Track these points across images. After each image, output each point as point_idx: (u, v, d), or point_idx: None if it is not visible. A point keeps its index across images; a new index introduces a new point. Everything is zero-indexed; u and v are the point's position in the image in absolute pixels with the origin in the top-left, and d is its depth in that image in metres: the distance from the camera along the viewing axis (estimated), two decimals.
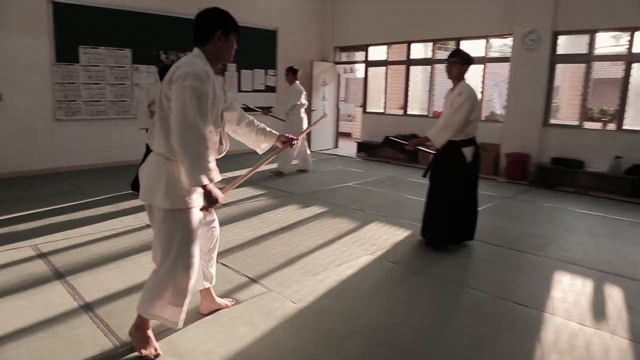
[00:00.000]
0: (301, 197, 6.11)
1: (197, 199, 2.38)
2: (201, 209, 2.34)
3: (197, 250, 2.45)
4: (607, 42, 8.60)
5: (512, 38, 7.87)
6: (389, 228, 4.80)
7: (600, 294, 3.40)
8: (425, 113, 9.50)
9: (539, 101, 7.58)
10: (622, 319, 3.01)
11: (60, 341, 2.59)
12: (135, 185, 6.00)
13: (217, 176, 2.26)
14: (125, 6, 7.79)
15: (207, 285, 2.86)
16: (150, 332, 2.51)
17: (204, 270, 2.79)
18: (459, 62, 4.07)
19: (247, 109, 6.30)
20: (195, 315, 2.87)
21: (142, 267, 3.63)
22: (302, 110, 7.71)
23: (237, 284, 3.37)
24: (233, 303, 3.05)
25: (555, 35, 7.43)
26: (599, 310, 3.12)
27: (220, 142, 2.54)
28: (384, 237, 4.50)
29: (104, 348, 2.53)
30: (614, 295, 3.37)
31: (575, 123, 7.50)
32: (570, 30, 7.34)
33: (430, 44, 9.35)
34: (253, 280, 3.43)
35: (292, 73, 7.67)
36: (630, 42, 6.78)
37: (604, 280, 3.63)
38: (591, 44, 7.19)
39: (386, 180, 7.43)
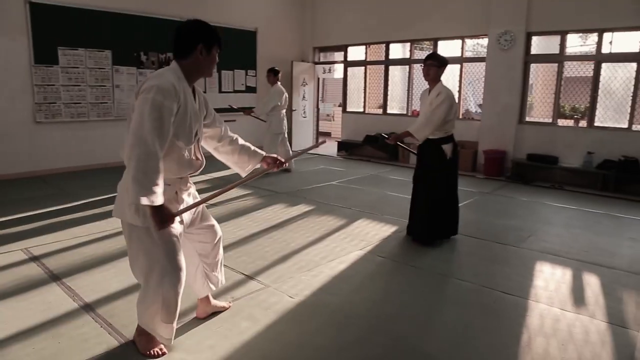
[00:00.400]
0: (287, 196, 6.20)
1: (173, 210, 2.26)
2: (154, 228, 2.19)
3: (182, 262, 2.35)
4: (578, 42, 8.92)
5: (487, 38, 8.12)
6: (376, 224, 4.95)
7: (579, 281, 3.60)
8: (404, 112, 9.70)
9: (514, 100, 7.84)
10: (600, 304, 3.21)
11: (65, 341, 2.63)
12: None
13: (159, 199, 2.08)
14: (105, 7, 7.74)
15: (213, 289, 2.81)
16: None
17: (209, 276, 2.75)
18: (436, 65, 4.23)
19: (230, 109, 6.29)
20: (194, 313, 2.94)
21: None
22: (283, 111, 7.80)
23: (233, 281, 3.45)
24: (230, 305, 3.01)
25: (528, 35, 7.70)
26: (578, 297, 3.32)
27: (197, 158, 2.45)
28: (372, 233, 4.63)
29: (109, 346, 2.59)
30: (592, 282, 3.57)
31: (549, 120, 7.79)
32: (542, 31, 7.61)
33: (408, 44, 9.55)
34: (249, 277, 3.51)
35: (273, 74, 7.74)
36: (599, 43, 7.08)
37: (581, 268, 3.84)
38: (562, 45, 7.48)
39: (368, 178, 7.58)
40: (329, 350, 2.59)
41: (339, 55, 10.94)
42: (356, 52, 10.54)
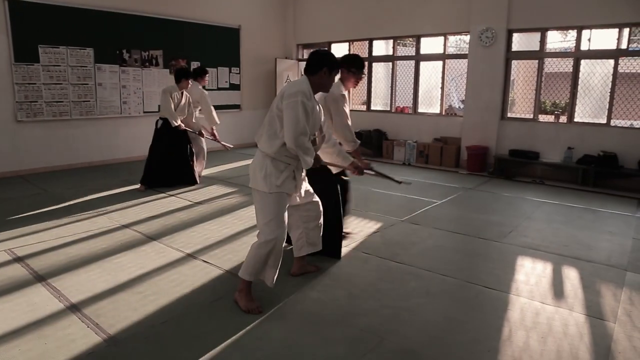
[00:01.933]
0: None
1: (287, 186, 2.98)
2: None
3: (286, 223, 3.05)
4: (558, 38, 9.07)
5: (469, 35, 8.21)
6: (360, 221, 5.00)
7: (559, 275, 3.69)
8: (388, 108, 9.76)
9: (496, 96, 7.95)
10: (579, 297, 3.30)
11: (52, 341, 2.63)
12: (145, 180, 6.30)
13: (314, 163, 2.96)
14: (87, 4, 7.66)
15: (311, 250, 3.51)
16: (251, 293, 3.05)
17: (312, 238, 3.48)
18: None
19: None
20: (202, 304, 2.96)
21: (124, 267, 3.69)
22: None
23: (219, 279, 3.47)
24: (317, 268, 3.65)
25: (509, 33, 7.81)
26: (558, 290, 3.41)
27: (314, 143, 3.11)
28: (356, 230, 4.68)
29: (96, 345, 2.60)
30: (571, 276, 3.67)
31: (530, 116, 7.92)
32: (523, 28, 7.73)
33: (391, 41, 9.61)
34: (235, 275, 3.53)
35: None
36: (578, 39, 7.21)
37: (561, 262, 3.94)
38: (543, 41, 7.60)
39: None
40: (314, 347, 2.63)
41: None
42: (340, 49, 10.56)
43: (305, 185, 3.31)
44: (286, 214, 3.06)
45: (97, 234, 4.51)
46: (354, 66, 3.86)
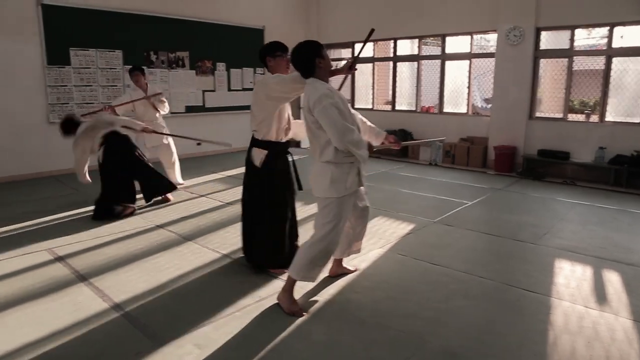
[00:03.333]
0: (301, 193, 6.21)
1: (356, 183, 3.04)
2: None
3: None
4: (588, 35, 8.90)
5: (493, 33, 8.11)
6: (393, 222, 4.98)
7: (600, 278, 3.63)
8: (413, 108, 9.71)
9: (524, 95, 7.84)
10: (623, 301, 3.24)
11: (101, 341, 2.68)
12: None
13: (367, 152, 2.93)
14: (115, 7, 7.78)
15: (353, 253, 3.58)
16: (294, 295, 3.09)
17: (351, 243, 3.49)
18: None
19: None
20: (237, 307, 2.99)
21: (162, 268, 3.74)
22: None
23: (258, 280, 3.49)
24: (355, 270, 3.67)
25: (538, 31, 7.69)
26: (600, 294, 3.35)
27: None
28: (389, 231, 4.67)
29: (143, 345, 2.64)
30: (613, 280, 3.60)
31: (560, 116, 7.79)
32: (552, 26, 7.60)
33: (417, 40, 9.55)
34: (274, 277, 3.55)
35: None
36: (610, 37, 7.07)
37: (601, 265, 3.87)
38: (572, 39, 7.47)
39: (379, 175, 7.60)
40: (356, 348, 2.63)
41: (346, 52, 10.94)
42: (364, 49, 10.51)
43: (361, 189, 3.32)
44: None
45: (132, 234, 4.57)
46: (279, 49, 3.55)
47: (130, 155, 5.39)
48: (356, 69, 3.50)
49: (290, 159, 3.67)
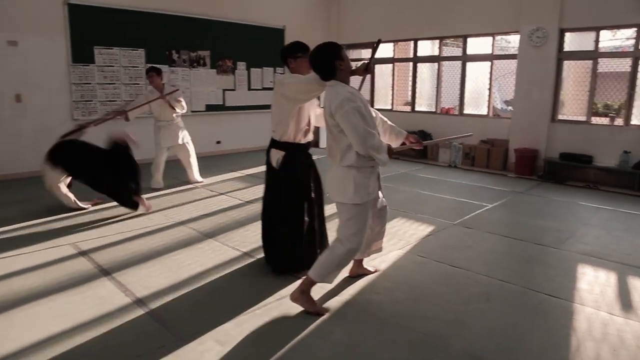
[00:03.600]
0: None
1: (376, 188, 3.10)
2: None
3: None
4: (607, 37, 8.74)
5: (518, 35, 8.01)
6: (412, 224, 4.95)
7: (625, 285, 3.56)
8: (433, 109, 9.64)
9: (546, 97, 7.73)
10: None
11: (126, 335, 2.73)
12: None
13: (387, 155, 2.91)
14: (139, 7, 7.88)
15: (373, 253, 3.60)
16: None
17: (370, 244, 3.48)
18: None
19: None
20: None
21: (182, 264, 3.78)
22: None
23: (282, 280, 3.49)
24: (375, 270, 3.66)
25: (562, 32, 7.58)
26: (625, 301, 3.28)
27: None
28: (409, 233, 4.65)
29: (166, 340, 2.67)
30: (638, 287, 3.53)
31: (583, 118, 7.66)
32: (576, 27, 7.48)
33: (437, 41, 9.49)
34: (294, 276, 3.56)
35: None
36: (637, 38, 6.93)
37: (626, 272, 3.79)
38: (597, 40, 7.34)
39: (399, 176, 7.57)
40: (377, 349, 2.62)
41: (366, 53, 10.92)
42: (383, 49, 10.50)
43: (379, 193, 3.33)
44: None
45: (154, 230, 4.63)
46: (300, 50, 3.45)
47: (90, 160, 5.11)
48: (372, 71, 3.46)
49: (311, 161, 3.65)
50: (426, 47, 9.96)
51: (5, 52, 6.70)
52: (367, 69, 3.22)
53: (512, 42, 9.09)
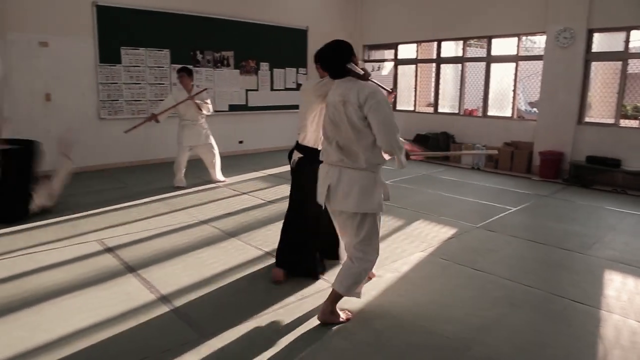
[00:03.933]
0: None
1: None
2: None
3: None
4: (637, 37, 8.54)
5: (544, 36, 7.88)
6: (434, 226, 4.92)
7: None
8: (456, 111, 9.56)
9: (573, 99, 7.59)
10: None
11: (152, 331, 2.78)
12: None
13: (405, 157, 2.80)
14: (164, 8, 8.00)
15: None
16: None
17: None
18: None
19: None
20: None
21: (206, 263, 3.83)
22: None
23: (304, 279, 3.50)
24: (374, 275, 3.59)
25: (590, 32, 7.43)
26: None
27: None
28: (431, 235, 4.62)
29: (189, 337, 2.71)
30: None
31: (611, 121, 7.50)
32: (605, 27, 7.33)
33: (461, 42, 9.40)
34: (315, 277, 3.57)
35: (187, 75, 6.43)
36: None
37: None
38: (627, 41, 7.17)
39: (421, 178, 7.53)
40: (400, 351, 2.62)
41: (389, 53, 10.89)
42: (406, 50, 10.46)
43: None
44: None
45: (177, 228, 4.70)
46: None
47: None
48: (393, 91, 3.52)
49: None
50: (450, 48, 9.88)
51: (36, 53, 6.88)
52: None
53: (537, 42, 8.95)
